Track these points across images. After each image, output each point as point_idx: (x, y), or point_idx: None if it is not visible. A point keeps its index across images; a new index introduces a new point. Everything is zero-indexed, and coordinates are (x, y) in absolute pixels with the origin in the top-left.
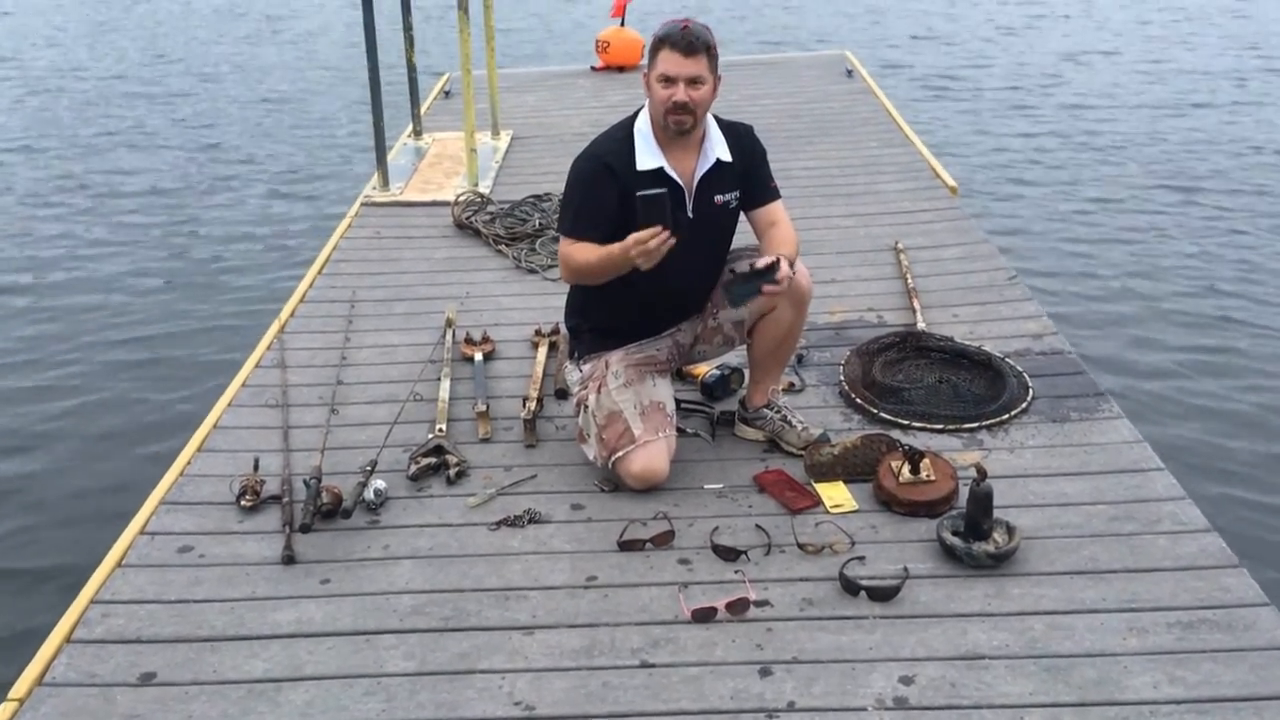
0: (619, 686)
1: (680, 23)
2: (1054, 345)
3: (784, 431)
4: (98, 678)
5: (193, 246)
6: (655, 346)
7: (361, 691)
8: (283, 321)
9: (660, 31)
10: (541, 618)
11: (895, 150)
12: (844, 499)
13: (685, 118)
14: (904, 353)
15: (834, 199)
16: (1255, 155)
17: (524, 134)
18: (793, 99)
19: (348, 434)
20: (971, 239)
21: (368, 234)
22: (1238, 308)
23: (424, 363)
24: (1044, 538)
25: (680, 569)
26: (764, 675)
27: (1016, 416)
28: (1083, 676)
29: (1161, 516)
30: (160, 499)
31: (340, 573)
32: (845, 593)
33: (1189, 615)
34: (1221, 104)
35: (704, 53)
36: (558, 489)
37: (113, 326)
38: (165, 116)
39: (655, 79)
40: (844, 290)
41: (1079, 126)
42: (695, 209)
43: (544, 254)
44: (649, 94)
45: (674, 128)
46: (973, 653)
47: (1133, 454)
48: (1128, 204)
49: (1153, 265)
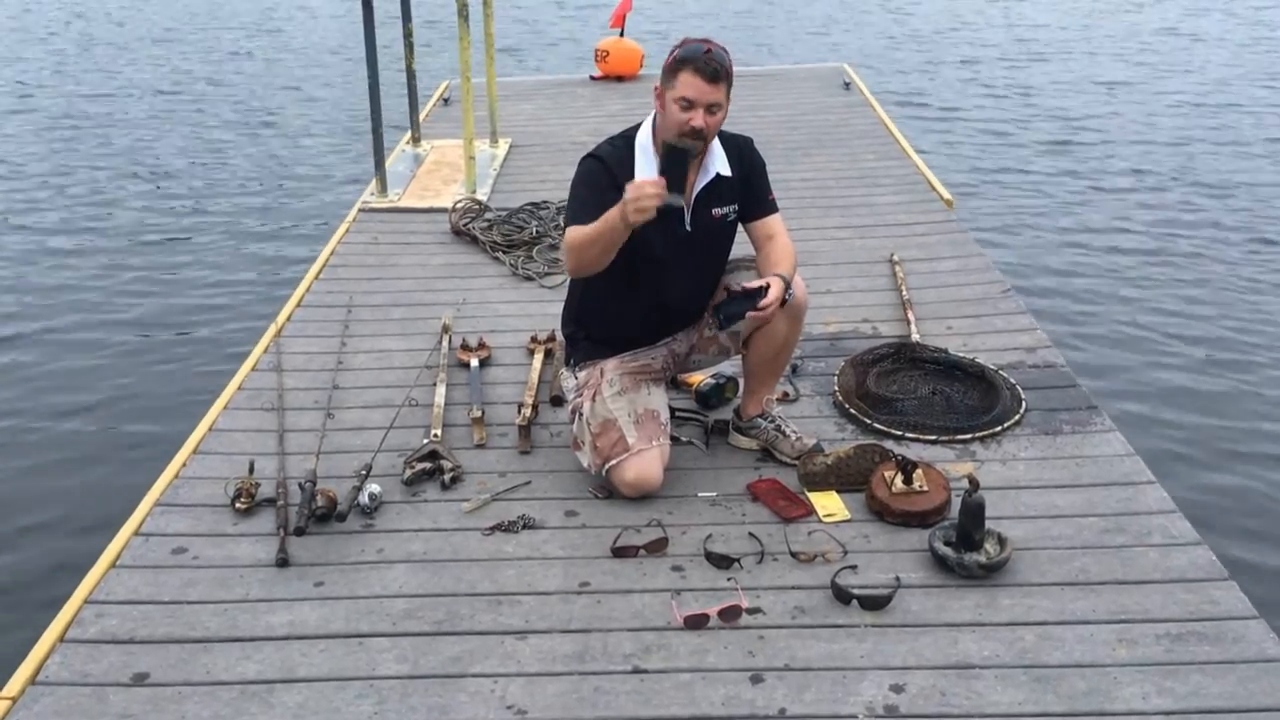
0: (611, 692)
1: (703, 45)
2: (1047, 358)
3: (778, 441)
4: (91, 677)
5: (190, 249)
6: (651, 355)
7: (354, 694)
8: (279, 326)
9: (682, 53)
10: (534, 622)
11: (891, 163)
12: (837, 508)
13: (699, 143)
14: (898, 364)
15: (830, 210)
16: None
17: (522, 142)
18: (790, 110)
19: (343, 438)
20: (966, 252)
21: (365, 240)
22: (1233, 322)
23: (420, 368)
24: (1035, 549)
25: (673, 576)
26: (755, 682)
27: (1009, 428)
28: (1072, 687)
29: (1152, 529)
30: (155, 500)
31: (334, 576)
32: (837, 601)
33: (1178, 627)
34: (1214, 104)
35: (725, 80)
36: (552, 495)
37: (108, 326)
38: (163, 116)
39: (674, 100)
40: (839, 301)
41: (1076, 139)
42: (693, 222)
43: (541, 261)
44: (662, 111)
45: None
46: (963, 662)
47: (1124, 467)
48: (1126, 218)
49: (1147, 279)
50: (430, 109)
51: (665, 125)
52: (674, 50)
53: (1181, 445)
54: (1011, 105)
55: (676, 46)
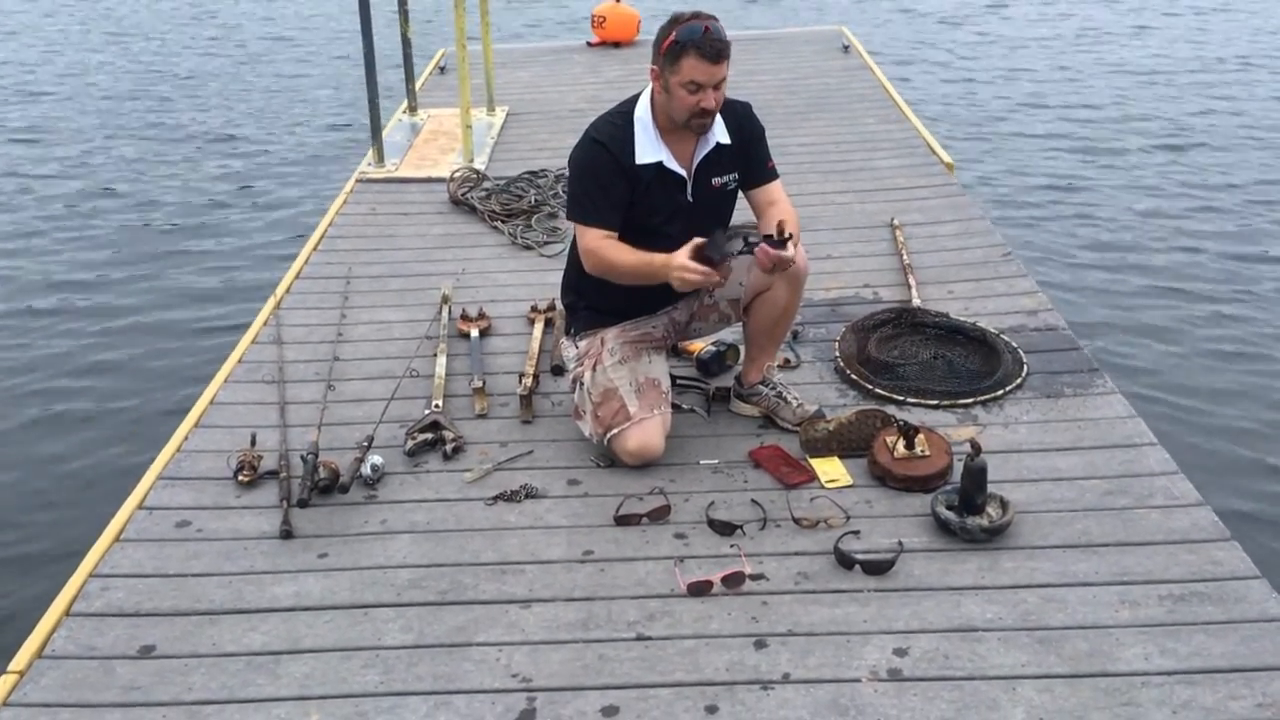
0: (615, 659)
1: (700, 24)
2: (1049, 321)
3: (779, 407)
4: (97, 650)
5: (186, 222)
6: (651, 323)
7: (360, 664)
8: (278, 298)
9: (681, 35)
10: (538, 591)
11: (891, 126)
12: (839, 474)
13: (709, 120)
14: (899, 329)
15: (830, 175)
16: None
17: (519, 110)
18: (789, 75)
19: (344, 410)
20: (967, 215)
21: (363, 210)
22: (1235, 281)
23: (420, 339)
24: (1037, 512)
25: (676, 543)
26: (759, 647)
27: (1011, 392)
28: (1074, 648)
29: (1154, 490)
30: (158, 474)
31: (338, 547)
32: (840, 566)
33: (1180, 588)
34: (1214, 68)
35: (727, 55)
36: (554, 464)
37: (108, 301)
38: (155, 89)
39: (680, 84)
40: (840, 266)
41: (1078, 100)
42: (694, 192)
43: (539, 230)
44: (664, 93)
45: (697, 130)
46: (966, 625)
47: (1126, 429)
48: (1125, 179)
49: (1149, 242)
50: (426, 77)
51: (671, 108)
52: (669, 31)
53: (1184, 406)
54: (1006, 60)
55: (670, 26)
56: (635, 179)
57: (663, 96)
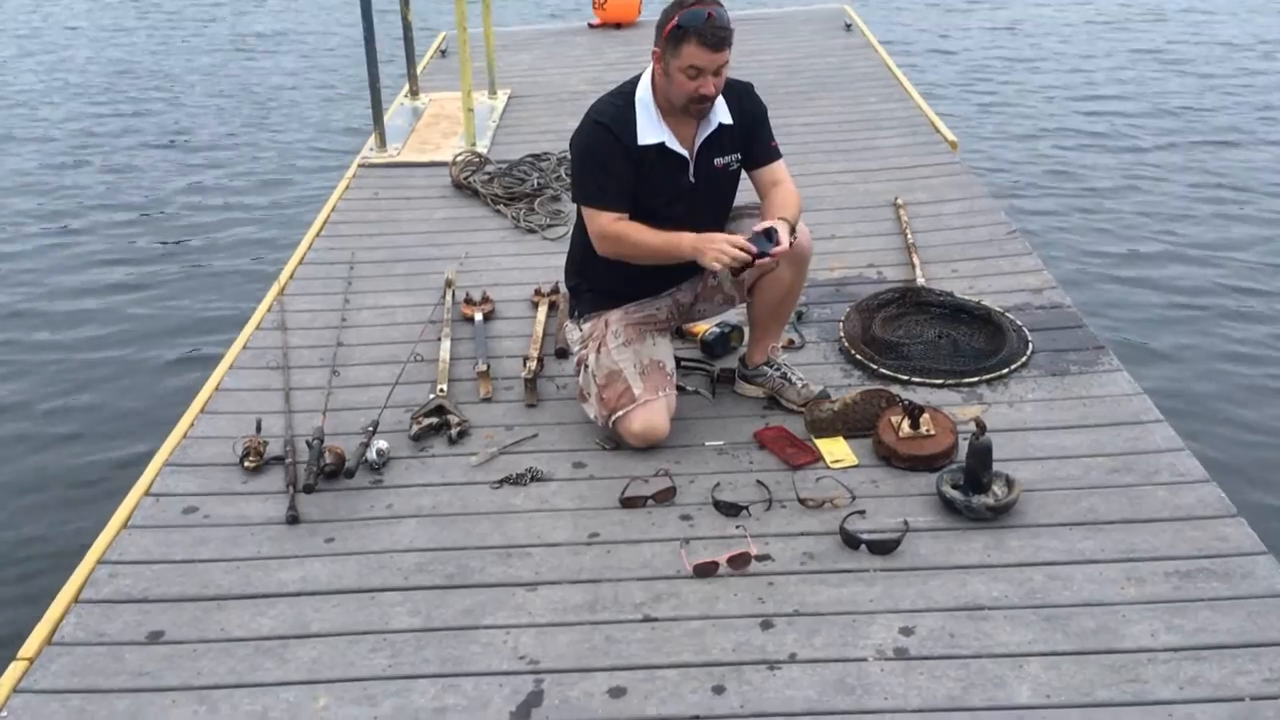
0: (622, 640)
1: (703, 10)
2: (1053, 299)
3: (784, 388)
4: (106, 636)
5: (189, 209)
6: (655, 305)
7: (367, 648)
8: (282, 284)
9: (682, 19)
10: (544, 574)
11: (895, 105)
12: (844, 454)
13: (707, 106)
14: (904, 308)
15: (833, 155)
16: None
17: (521, 93)
18: (791, 54)
19: (349, 395)
20: (971, 194)
21: (366, 195)
22: (1240, 259)
23: (424, 323)
24: (1043, 490)
25: (682, 525)
26: (766, 628)
27: (1016, 370)
28: (1081, 626)
29: (1160, 468)
30: (164, 461)
31: (344, 532)
32: (846, 546)
33: (1187, 564)
34: (1231, 54)
35: (729, 42)
36: (559, 447)
37: (113, 288)
38: (162, 76)
39: (680, 69)
40: (844, 246)
41: (1080, 80)
42: (697, 173)
43: (543, 213)
44: (665, 76)
45: (695, 115)
46: (972, 604)
47: (1132, 406)
48: (1129, 158)
49: (1154, 220)
50: (428, 61)
51: (670, 91)
52: (672, 15)
53: (1190, 383)
54: (1016, 45)
55: (674, 9)
56: (638, 160)
57: (663, 79)
